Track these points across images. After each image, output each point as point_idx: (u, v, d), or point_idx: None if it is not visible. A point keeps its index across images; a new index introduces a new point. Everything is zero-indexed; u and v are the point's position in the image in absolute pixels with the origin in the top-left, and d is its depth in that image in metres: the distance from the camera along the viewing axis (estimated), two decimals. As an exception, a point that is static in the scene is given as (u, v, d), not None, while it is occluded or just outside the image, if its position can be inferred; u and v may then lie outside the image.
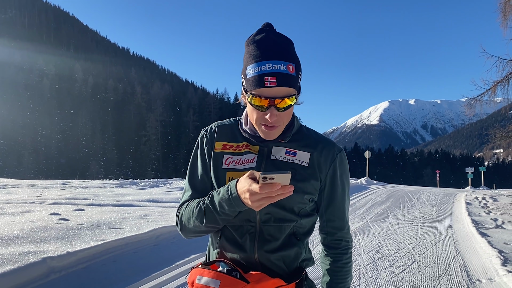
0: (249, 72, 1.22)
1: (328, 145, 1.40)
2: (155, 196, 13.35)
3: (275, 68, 1.18)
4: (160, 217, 8.79)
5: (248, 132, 1.38)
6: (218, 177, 1.37)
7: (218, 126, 1.48)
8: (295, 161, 1.35)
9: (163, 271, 5.24)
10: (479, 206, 13.38)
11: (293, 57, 1.23)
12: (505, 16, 19.09)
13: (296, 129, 1.40)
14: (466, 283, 5.03)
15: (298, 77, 1.24)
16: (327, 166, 1.38)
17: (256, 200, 1.10)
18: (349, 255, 1.44)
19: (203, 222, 1.29)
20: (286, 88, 1.20)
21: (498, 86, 18.67)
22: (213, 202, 1.26)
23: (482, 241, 7.30)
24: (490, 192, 22.55)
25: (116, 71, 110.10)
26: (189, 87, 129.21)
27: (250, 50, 1.24)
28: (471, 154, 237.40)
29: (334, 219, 1.42)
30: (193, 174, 1.45)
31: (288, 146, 1.37)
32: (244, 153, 1.38)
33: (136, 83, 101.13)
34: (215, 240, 1.41)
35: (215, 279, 1.21)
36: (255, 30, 1.29)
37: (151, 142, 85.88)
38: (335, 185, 1.40)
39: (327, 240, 1.44)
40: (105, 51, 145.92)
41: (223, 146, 1.41)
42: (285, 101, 1.22)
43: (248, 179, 1.12)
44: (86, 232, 6.70)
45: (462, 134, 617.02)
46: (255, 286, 1.19)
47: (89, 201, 11.69)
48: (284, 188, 1.07)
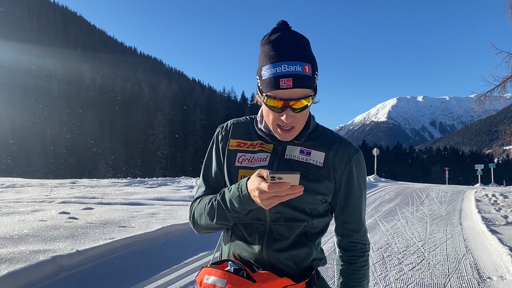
0: (264, 73, 1.20)
1: (344, 145, 1.37)
2: (163, 195, 13.40)
3: (290, 70, 1.16)
4: (168, 215, 8.82)
5: (263, 130, 1.37)
6: (230, 175, 1.37)
7: (233, 123, 1.47)
8: (309, 161, 1.33)
9: (172, 269, 5.26)
10: (489, 203, 13.27)
11: (309, 57, 1.21)
12: (514, 11, 18.86)
13: (312, 129, 1.38)
14: (477, 280, 4.99)
15: (314, 77, 1.21)
16: (343, 166, 1.35)
17: (265, 198, 1.09)
18: (365, 258, 1.41)
19: (214, 218, 1.30)
20: (302, 89, 1.18)
21: (508, 81, 18.47)
22: (224, 199, 1.26)
23: (492, 239, 7.24)
24: (500, 189, 22.35)
25: (124, 71, 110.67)
26: (196, 85, 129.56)
27: (265, 50, 1.22)
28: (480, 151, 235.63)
29: (350, 221, 1.39)
30: (207, 171, 1.46)
31: (302, 145, 1.35)
32: (257, 152, 1.37)
33: (144, 82, 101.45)
34: (226, 238, 1.41)
35: (222, 278, 1.21)
36: (270, 29, 1.27)
37: (159, 141, 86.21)
38: (351, 187, 1.37)
39: (343, 242, 1.42)
40: (112, 50, 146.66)
41: (237, 143, 1.41)
42: (301, 102, 1.20)
43: (257, 177, 1.11)
44: (95, 231, 6.74)
45: (471, 131, 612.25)
46: (261, 286, 1.18)
47: (98, 200, 11.76)
48: (293, 188, 1.06)
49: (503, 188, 23.37)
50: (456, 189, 20.80)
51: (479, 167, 36.18)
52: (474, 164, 41.23)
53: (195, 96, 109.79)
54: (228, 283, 1.19)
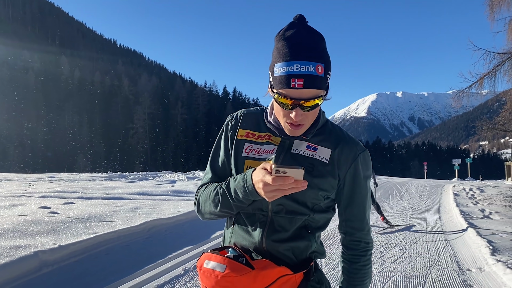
0: (276, 70, 1.20)
1: (351, 143, 1.38)
2: (145, 189, 13.30)
3: (303, 70, 1.15)
4: (151, 210, 8.77)
5: (272, 123, 1.37)
6: (237, 164, 1.38)
7: (244, 113, 1.48)
8: (315, 157, 1.34)
9: (157, 263, 5.23)
10: (467, 197, 13.58)
11: (322, 57, 1.20)
12: (492, 9, 19.25)
13: (321, 125, 1.38)
14: (457, 272, 5.11)
15: (326, 77, 1.20)
16: (348, 164, 1.36)
17: (269, 191, 1.10)
18: (368, 257, 1.42)
19: (218, 206, 1.32)
20: (313, 90, 1.18)
21: (485, 78, 18.85)
22: (229, 188, 1.28)
23: (470, 231, 7.42)
24: (477, 183, 22.89)
25: (103, 63, 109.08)
26: (177, 79, 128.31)
27: (280, 47, 1.21)
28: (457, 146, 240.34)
29: (353, 219, 1.40)
30: (215, 158, 1.47)
31: (310, 140, 1.36)
32: (265, 143, 1.38)
33: (124, 75, 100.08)
34: (229, 226, 1.43)
35: (221, 263, 1.23)
36: (287, 23, 1.24)
37: (139, 135, 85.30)
38: (356, 185, 1.38)
39: (346, 240, 1.43)
40: (91, 43, 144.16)
41: (246, 134, 1.42)
42: (312, 101, 1.20)
43: (262, 169, 1.12)
44: (77, 225, 6.66)
45: (448, 127, 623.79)
46: (260, 273, 1.20)
47: (79, 194, 11.60)
48: (297, 182, 1.07)
49: (480, 182, 23.94)
50: (435, 183, 21.21)
51: (457, 162, 36.95)
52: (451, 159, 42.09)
53: (176, 90, 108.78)
54: (227, 268, 1.21)
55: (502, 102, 27.52)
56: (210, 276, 1.23)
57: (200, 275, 1.30)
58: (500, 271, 4.97)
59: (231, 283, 1.19)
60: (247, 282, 1.19)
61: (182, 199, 11.46)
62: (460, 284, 4.64)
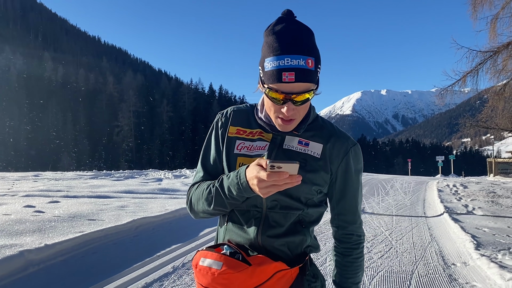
0: (267, 65, 1.19)
1: (342, 138, 1.39)
2: (131, 187, 13.21)
3: (293, 64, 1.15)
4: (138, 208, 8.71)
5: (263, 120, 1.37)
6: (229, 162, 1.38)
7: (234, 110, 1.47)
8: (307, 152, 1.35)
9: (144, 262, 5.21)
10: (450, 193, 13.79)
11: (312, 51, 1.20)
12: (475, 8, 19.53)
13: (311, 120, 1.39)
14: (442, 267, 5.20)
15: (317, 71, 1.21)
16: (339, 159, 1.37)
17: (264, 187, 1.10)
18: (360, 250, 1.44)
19: (211, 204, 1.31)
20: (304, 83, 1.18)
21: (468, 76, 19.14)
22: (222, 186, 1.27)
23: (455, 227, 7.54)
24: (460, 179, 23.25)
25: (87, 61, 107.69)
26: (163, 76, 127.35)
27: (269, 41, 1.21)
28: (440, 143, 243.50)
29: (345, 213, 1.42)
30: (206, 156, 1.46)
31: (301, 136, 1.37)
32: (256, 140, 1.38)
33: (108, 72, 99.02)
34: (222, 223, 1.42)
35: (218, 260, 1.22)
36: (275, 18, 1.25)
37: (124, 133, 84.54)
38: (348, 179, 1.39)
39: (338, 233, 1.44)
40: (75, 39, 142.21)
41: (237, 131, 1.41)
42: (303, 95, 1.20)
43: (256, 166, 1.12)
44: (64, 224, 6.59)
45: (432, 124, 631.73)
46: (257, 269, 1.20)
47: (64, 193, 11.47)
48: (292, 177, 1.07)
49: (463, 179, 24.32)
50: (419, 179, 21.48)
51: (440, 158, 37.48)
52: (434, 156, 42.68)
53: (161, 88, 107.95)
54: (224, 265, 1.20)
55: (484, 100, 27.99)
56: (206, 274, 1.22)
57: (195, 273, 1.29)
58: (484, 265, 5.07)
59: (228, 280, 1.19)
60: (244, 278, 1.19)
61: (169, 197, 11.42)
62: (445, 279, 4.72)
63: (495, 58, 18.74)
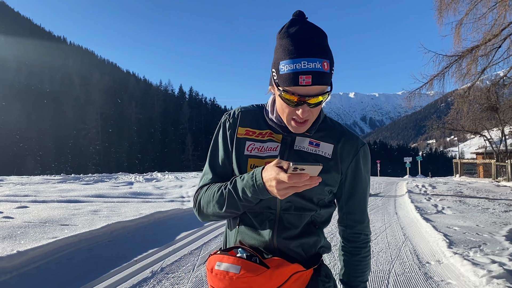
0: (282, 68, 1.19)
1: (352, 138, 1.41)
2: (102, 191, 12.94)
3: (310, 67, 1.15)
4: (112, 212, 8.53)
5: (274, 121, 1.37)
6: (239, 163, 1.36)
7: (241, 111, 1.45)
8: (318, 152, 1.35)
9: (122, 267, 5.10)
10: (420, 193, 14.14)
11: (327, 53, 1.20)
12: (440, 14, 20.17)
13: (321, 121, 1.39)
14: (417, 265, 5.32)
15: (331, 73, 1.21)
16: (350, 158, 1.38)
17: (282, 188, 1.09)
18: (368, 249, 1.46)
19: (223, 207, 1.28)
20: (320, 86, 1.18)
21: (435, 79, 19.75)
22: (236, 188, 1.25)
23: (427, 226, 7.74)
24: (428, 180, 23.89)
25: (52, 61, 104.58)
26: (131, 78, 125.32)
27: (284, 44, 1.20)
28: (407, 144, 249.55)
29: (354, 212, 1.43)
30: (214, 158, 1.44)
31: (311, 136, 1.37)
32: (267, 141, 1.37)
33: (74, 74, 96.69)
34: (233, 226, 1.40)
35: (235, 264, 1.21)
36: (288, 21, 1.25)
37: (91, 136, 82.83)
38: (357, 178, 1.41)
39: (346, 233, 1.46)
40: (39, 40, 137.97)
41: (246, 132, 1.40)
42: (318, 97, 1.20)
43: (275, 167, 1.10)
44: (35, 230, 6.38)
45: (398, 126, 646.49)
46: (275, 271, 1.20)
47: (32, 197, 11.11)
48: (311, 179, 1.06)
49: (430, 179, 24.99)
50: (389, 180, 21.94)
51: (408, 160, 38.40)
52: (401, 157, 43.69)
53: (130, 89, 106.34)
54: (242, 269, 1.19)
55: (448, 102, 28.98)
56: (223, 278, 1.21)
57: (211, 278, 1.26)
58: (457, 262, 5.22)
59: (247, 284, 1.18)
60: (263, 282, 1.18)
61: (142, 201, 11.24)
62: (422, 277, 4.83)
63: (460, 62, 19.39)
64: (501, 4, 17.36)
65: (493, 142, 28.96)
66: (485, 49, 18.29)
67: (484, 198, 12.58)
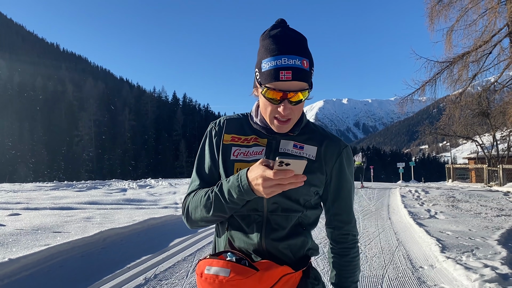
0: (264, 65, 1.24)
1: (334, 140, 1.44)
2: (95, 198, 12.86)
3: (290, 63, 1.21)
4: (105, 219, 8.49)
5: (259, 124, 1.41)
6: (226, 168, 1.39)
7: (227, 119, 1.50)
8: (302, 154, 1.39)
9: (115, 274, 5.07)
10: (413, 199, 14.18)
11: (307, 53, 1.27)
12: (431, 20, 20.41)
13: (304, 124, 1.44)
14: (411, 270, 5.34)
15: (311, 72, 1.27)
16: (333, 160, 1.42)
17: (268, 186, 1.10)
18: (356, 249, 1.48)
19: (210, 210, 1.30)
20: (300, 82, 1.24)
21: (427, 85, 19.94)
22: (221, 190, 1.27)
23: (420, 231, 7.76)
24: (421, 185, 23.98)
25: (45, 68, 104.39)
26: (124, 85, 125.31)
27: (266, 44, 1.27)
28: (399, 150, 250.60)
29: (341, 212, 1.45)
30: (201, 165, 1.47)
31: (296, 139, 1.41)
32: (252, 146, 1.40)
33: (67, 80, 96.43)
34: (221, 231, 1.42)
35: (225, 268, 1.22)
36: (270, 26, 1.32)
37: (84, 143, 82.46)
38: (342, 179, 1.44)
39: (335, 234, 1.48)
40: (32, 46, 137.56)
41: (232, 138, 1.43)
42: (298, 95, 1.25)
43: (261, 165, 1.12)
44: (27, 237, 6.33)
45: (391, 132, 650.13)
46: (264, 274, 1.21)
47: (24, 205, 11.02)
48: (297, 177, 1.09)
49: (423, 184, 25.10)
50: (382, 186, 21.97)
51: (401, 165, 38.49)
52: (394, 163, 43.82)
53: (123, 96, 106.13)
54: (232, 272, 1.20)
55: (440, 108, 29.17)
56: (213, 282, 1.22)
57: (200, 282, 1.27)
58: (450, 267, 5.25)
59: (237, 287, 1.19)
60: (253, 284, 1.19)
61: (136, 208, 11.19)
62: (415, 281, 4.85)
63: (451, 68, 19.59)
64: (491, 11, 17.59)
65: (485, 147, 29.19)
66: (476, 55, 18.49)
67: (476, 203, 12.66)
